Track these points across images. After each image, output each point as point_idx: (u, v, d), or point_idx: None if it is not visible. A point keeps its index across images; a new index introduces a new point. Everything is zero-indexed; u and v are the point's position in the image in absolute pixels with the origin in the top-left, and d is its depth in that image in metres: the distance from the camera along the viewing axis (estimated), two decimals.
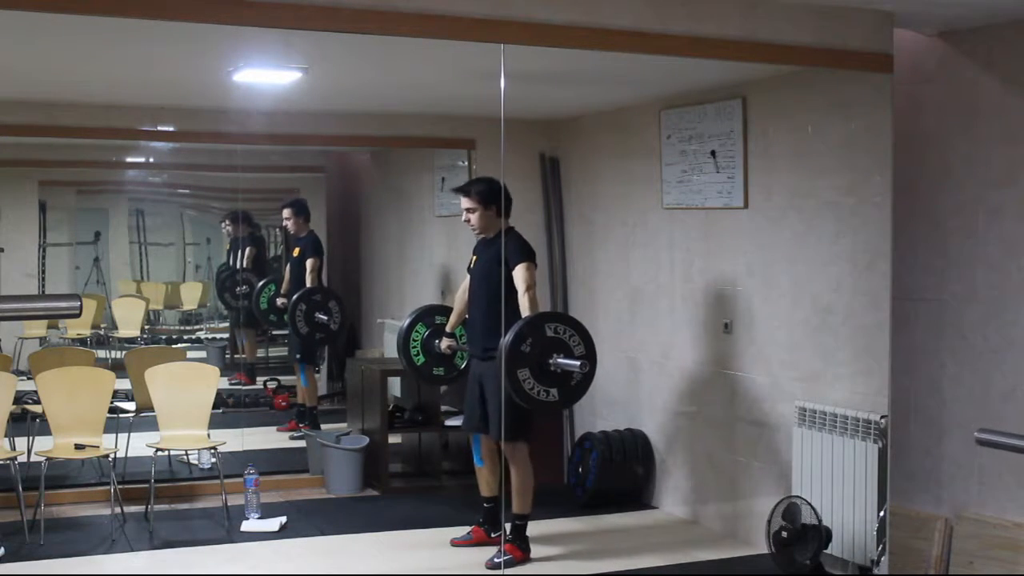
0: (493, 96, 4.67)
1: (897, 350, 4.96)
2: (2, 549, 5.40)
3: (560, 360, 4.88)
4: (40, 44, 4.66)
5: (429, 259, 8.02)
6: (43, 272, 7.67)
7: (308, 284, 7.36)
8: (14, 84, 5.75)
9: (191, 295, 8.40)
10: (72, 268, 7.96)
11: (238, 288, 7.95)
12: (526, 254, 5.25)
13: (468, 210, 5.37)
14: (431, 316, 5.97)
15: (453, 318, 5.78)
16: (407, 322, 5.96)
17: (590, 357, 4.97)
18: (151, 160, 8.02)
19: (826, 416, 5.15)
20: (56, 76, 5.57)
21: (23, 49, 4.78)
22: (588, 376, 4.98)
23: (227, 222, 8.00)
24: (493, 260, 5.31)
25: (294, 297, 7.21)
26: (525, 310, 5.06)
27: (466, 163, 7.35)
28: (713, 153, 5.83)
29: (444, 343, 5.79)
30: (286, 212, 7.62)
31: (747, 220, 5.69)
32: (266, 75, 5.52)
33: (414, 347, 5.93)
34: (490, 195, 5.35)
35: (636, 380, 6.62)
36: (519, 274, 5.17)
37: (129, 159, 7.94)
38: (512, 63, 4.44)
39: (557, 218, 7.29)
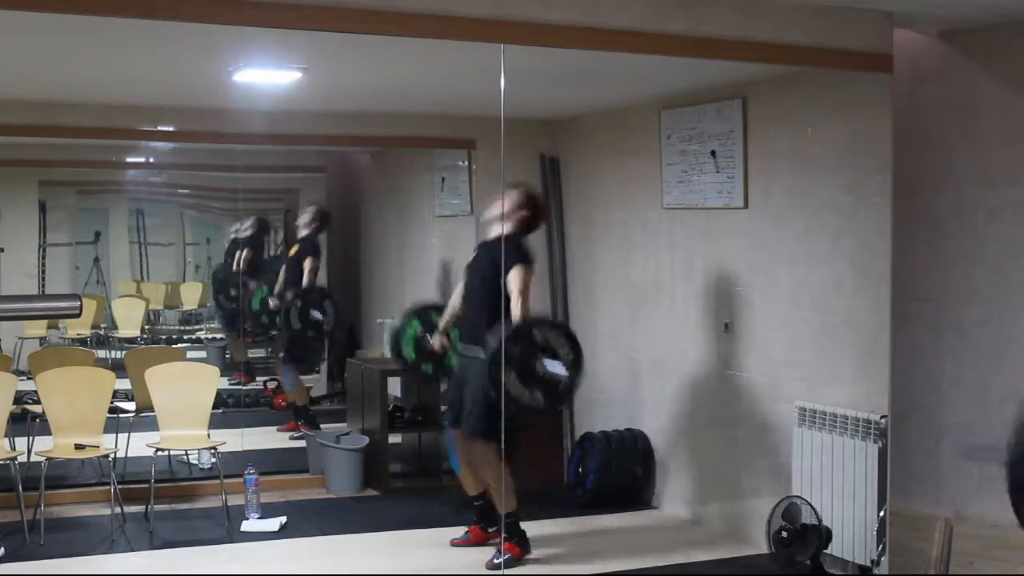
0: (493, 96, 4.67)
1: (897, 350, 4.96)
2: (2, 549, 5.40)
3: (546, 364, 4.90)
4: (40, 44, 4.66)
5: (429, 259, 8.02)
6: (43, 272, 7.67)
7: (305, 284, 7.37)
8: (14, 84, 5.75)
9: (191, 295, 8.41)
10: (72, 268, 7.96)
11: (232, 291, 7.94)
12: (522, 257, 5.24)
13: (514, 210, 5.38)
14: (427, 313, 5.98)
15: (446, 317, 5.79)
16: (402, 317, 5.98)
17: (577, 364, 4.99)
18: (151, 160, 8.02)
19: (826, 416, 5.15)
20: (56, 76, 5.57)
21: (23, 49, 4.78)
22: (573, 383, 5.01)
23: (244, 224, 8.01)
24: (490, 261, 5.32)
25: (290, 294, 7.21)
26: (516, 312, 5.06)
27: (466, 163, 7.35)
28: (713, 153, 5.83)
29: (436, 341, 5.81)
30: (308, 215, 7.57)
31: (747, 220, 5.69)
32: (266, 75, 5.52)
33: (406, 343, 5.94)
34: (537, 204, 5.44)
35: (636, 380, 6.61)
36: (512, 277, 5.16)
37: (129, 159, 7.94)
38: (512, 63, 4.44)
39: (557, 218, 7.29)
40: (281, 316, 7.32)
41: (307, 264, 7.44)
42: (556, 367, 4.91)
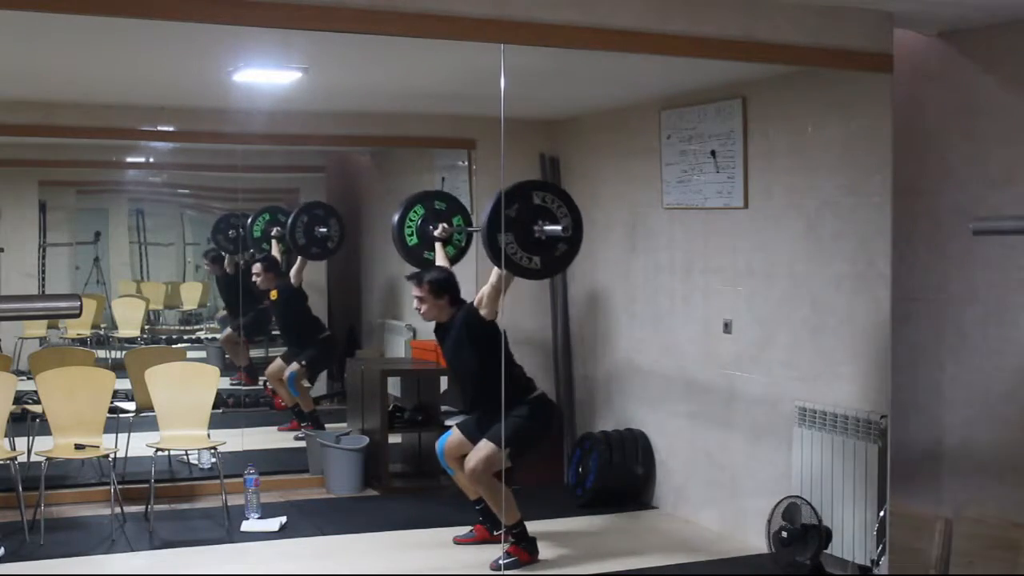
0: (493, 96, 4.67)
1: (897, 350, 4.96)
2: (2, 549, 5.41)
3: (546, 228, 4.85)
4: (40, 44, 4.67)
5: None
6: (43, 272, 7.67)
7: (292, 281, 7.39)
8: (14, 84, 5.75)
9: (191, 295, 8.41)
10: (72, 268, 7.96)
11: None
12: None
13: (419, 299, 5.38)
14: (430, 200, 5.90)
15: None
16: (405, 203, 5.90)
17: (576, 226, 4.94)
18: (151, 160, 8.02)
19: (826, 416, 5.15)
20: (56, 76, 5.57)
21: (23, 49, 4.78)
22: (572, 247, 4.95)
23: (207, 262, 8.05)
24: (457, 341, 5.33)
25: (296, 210, 7.20)
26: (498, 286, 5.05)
27: (466, 163, 7.35)
28: (713, 153, 5.83)
29: (440, 228, 5.76)
30: (256, 268, 7.56)
31: (747, 220, 5.69)
32: (266, 75, 5.52)
33: (408, 228, 5.88)
34: (443, 286, 5.37)
35: (636, 380, 6.62)
36: (478, 299, 5.19)
37: (129, 159, 7.94)
38: (512, 63, 4.44)
39: None
40: (288, 230, 7.27)
41: (297, 264, 7.43)
42: (554, 227, 4.85)
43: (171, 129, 6.88)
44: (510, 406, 5.06)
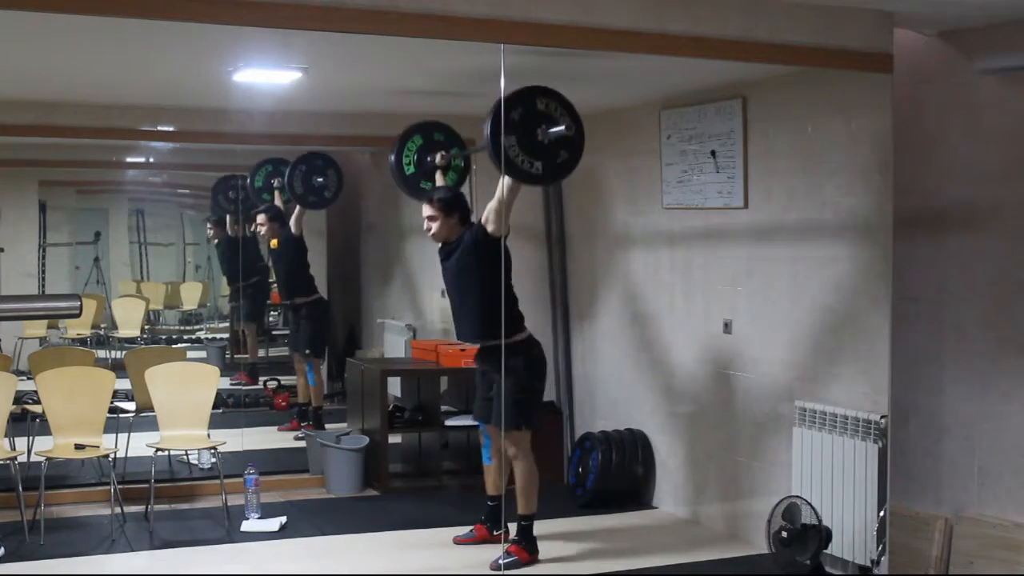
0: (493, 96, 4.67)
1: (897, 350, 4.96)
2: (2, 549, 5.40)
3: (549, 131, 4.81)
4: (40, 44, 4.67)
5: (429, 259, 8.01)
6: (43, 272, 7.68)
7: (293, 230, 7.39)
8: (14, 84, 5.75)
9: (191, 295, 8.41)
10: (72, 268, 7.97)
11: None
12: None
13: (429, 218, 5.34)
14: (428, 129, 5.83)
15: None
16: (402, 134, 5.82)
17: (579, 131, 4.90)
18: (151, 160, 8.02)
19: (826, 416, 5.15)
20: (56, 76, 5.57)
21: (23, 49, 4.78)
22: (573, 154, 4.92)
23: (210, 226, 8.03)
24: (461, 259, 5.29)
25: (295, 160, 7.20)
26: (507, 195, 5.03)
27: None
28: (713, 153, 5.83)
29: (439, 155, 5.69)
30: (260, 218, 7.56)
31: (747, 220, 5.69)
32: (266, 75, 5.52)
33: (407, 157, 5.78)
34: (452, 203, 5.34)
35: (636, 380, 6.62)
36: (485, 214, 5.15)
37: (129, 159, 7.94)
38: (512, 63, 4.44)
39: (557, 218, 7.29)
40: (287, 179, 7.26)
41: (296, 212, 7.44)
42: (559, 128, 4.80)
43: (171, 129, 6.89)
44: (507, 348, 5.04)
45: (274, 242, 7.52)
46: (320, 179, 7.26)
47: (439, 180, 5.76)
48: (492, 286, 5.13)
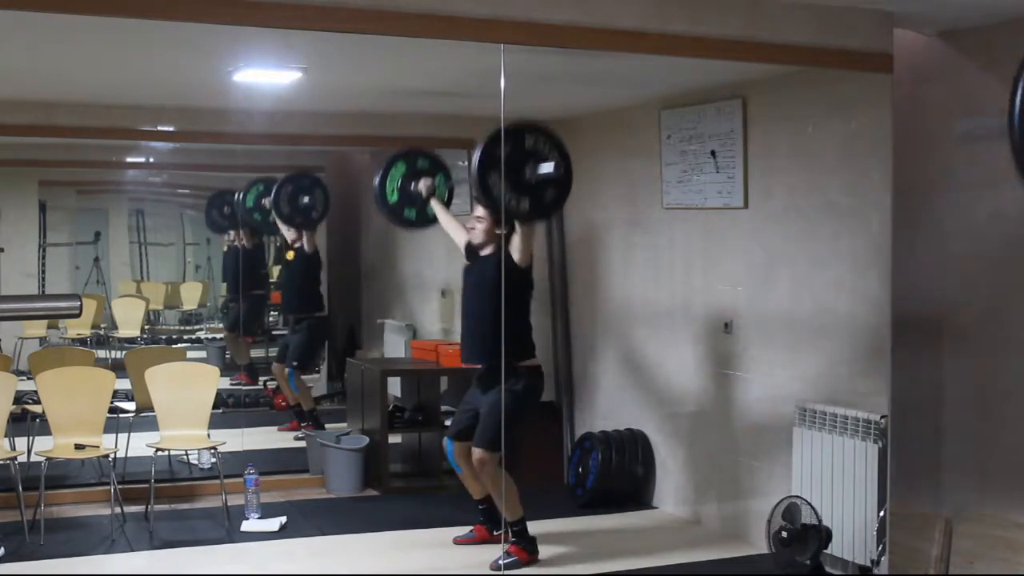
0: (493, 96, 4.67)
1: (897, 350, 4.95)
2: (2, 549, 5.41)
3: (537, 170, 4.83)
4: (40, 44, 4.67)
5: (429, 259, 8.02)
6: (43, 272, 7.68)
7: (307, 248, 7.44)
8: (14, 84, 5.75)
9: (191, 295, 8.41)
10: (72, 268, 7.97)
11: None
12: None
13: (479, 219, 5.33)
14: (412, 157, 5.84)
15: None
16: (387, 160, 5.83)
17: (567, 169, 4.91)
18: (151, 160, 8.03)
19: (826, 416, 5.15)
20: (56, 76, 5.57)
21: (23, 49, 4.78)
22: (561, 191, 4.93)
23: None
24: (483, 276, 5.30)
25: (281, 179, 7.22)
26: (516, 252, 5.06)
27: (466, 163, 7.34)
28: (713, 153, 5.83)
29: (423, 183, 5.69)
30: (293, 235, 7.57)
31: (747, 220, 5.69)
32: (266, 75, 5.52)
33: (390, 184, 5.81)
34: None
35: (636, 380, 6.61)
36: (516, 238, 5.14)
37: (129, 159, 7.94)
38: (512, 63, 4.44)
39: (557, 218, 7.28)
40: (273, 198, 7.29)
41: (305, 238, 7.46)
42: (547, 167, 4.82)
43: (171, 129, 6.88)
44: (509, 370, 5.06)
45: (290, 254, 7.55)
46: (306, 199, 7.29)
47: (438, 208, 5.76)
48: (510, 310, 5.07)
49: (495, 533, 5.52)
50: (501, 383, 5.07)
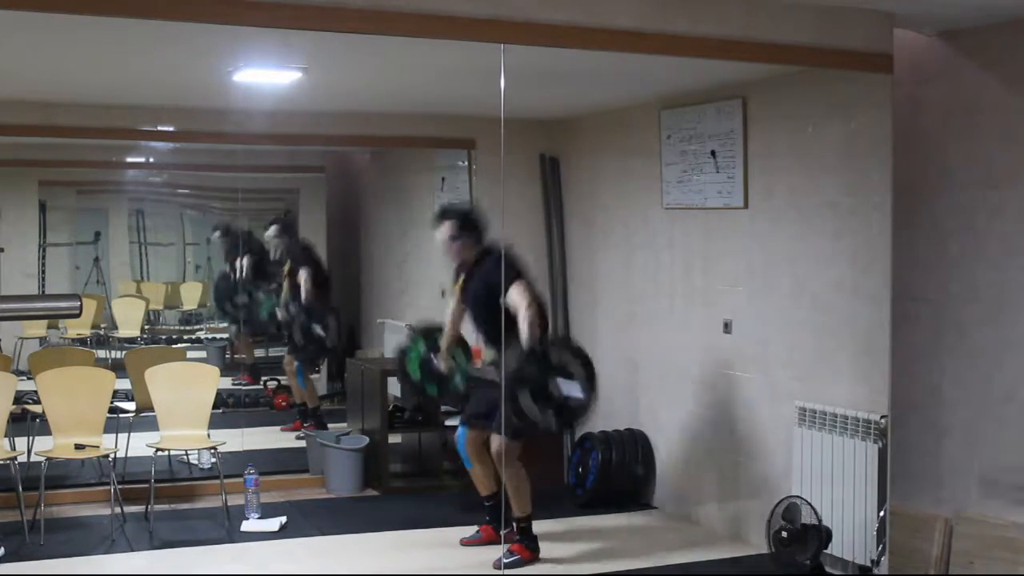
0: (493, 96, 4.67)
1: (897, 350, 4.96)
2: (2, 549, 5.40)
3: (562, 386, 4.91)
4: (40, 44, 4.66)
5: (429, 259, 8.02)
6: (43, 272, 7.67)
7: (303, 299, 7.37)
8: (14, 84, 5.75)
9: (191, 295, 8.40)
10: (72, 268, 7.96)
11: (237, 297, 7.94)
12: (516, 272, 5.17)
13: (452, 238, 5.31)
14: (431, 334, 5.90)
15: (446, 340, 5.68)
16: (407, 338, 5.92)
17: (591, 382, 5.00)
18: (151, 160, 8.02)
19: (826, 416, 5.15)
20: (56, 76, 5.57)
21: (23, 49, 4.78)
22: (588, 404, 5.01)
23: (218, 234, 8.04)
24: (483, 285, 5.28)
25: (293, 308, 7.25)
26: (524, 331, 5.00)
27: (466, 163, 7.35)
28: (713, 153, 5.83)
29: (442, 364, 5.72)
30: (272, 233, 7.56)
31: (747, 220, 5.69)
32: (266, 75, 5.51)
33: (412, 364, 5.85)
34: (462, 227, 5.31)
35: (636, 380, 6.62)
36: (513, 296, 5.09)
37: (129, 159, 7.94)
38: (512, 63, 4.44)
39: (557, 218, 7.29)
40: (286, 329, 7.33)
41: (302, 278, 7.43)
42: (573, 389, 4.92)
43: (171, 129, 6.88)
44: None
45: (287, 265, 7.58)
46: (320, 330, 7.31)
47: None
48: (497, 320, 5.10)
49: (503, 532, 5.51)
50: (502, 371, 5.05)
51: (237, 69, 5.24)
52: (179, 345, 8.16)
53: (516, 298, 5.07)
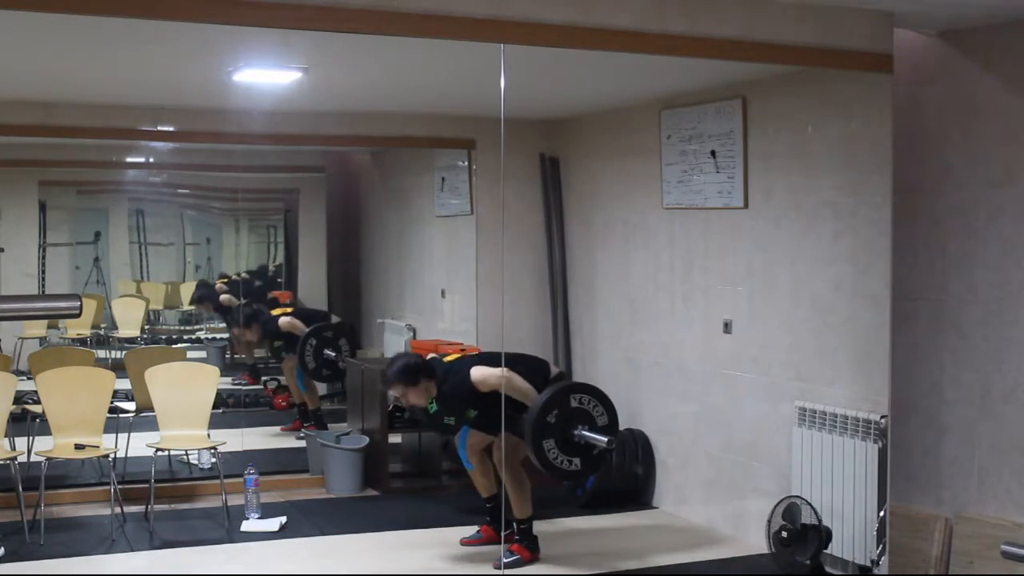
0: (493, 96, 4.67)
1: (897, 350, 4.96)
2: (2, 549, 5.40)
3: (585, 433, 4.94)
4: (40, 44, 4.67)
5: (429, 259, 8.02)
6: (43, 272, 7.67)
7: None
8: (14, 84, 5.75)
9: (191, 295, 8.40)
10: (72, 268, 7.96)
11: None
12: (467, 370, 5.13)
13: (403, 395, 5.24)
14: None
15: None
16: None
17: (613, 428, 5.04)
18: (151, 160, 8.02)
19: (826, 416, 5.15)
20: (56, 76, 5.57)
21: (23, 49, 4.78)
22: (611, 448, 5.04)
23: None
24: (457, 395, 5.21)
25: (306, 331, 7.27)
26: (518, 390, 5.04)
27: (466, 163, 7.35)
28: (713, 153, 5.83)
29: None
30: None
31: (747, 220, 5.69)
32: (266, 75, 5.52)
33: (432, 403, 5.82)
34: (411, 376, 5.18)
35: (636, 380, 6.62)
36: (478, 375, 5.09)
37: (129, 159, 7.93)
38: (512, 63, 4.44)
39: (557, 218, 7.29)
40: (298, 351, 7.32)
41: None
42: (596, 436, 4.94)
43: (171, 129, 6.88)
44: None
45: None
46: (331, 353, 7.32)
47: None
48: (496, 406, 5.06)
49: (502, 533, 5.51)
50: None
51: (237, 69, 5.25)
52: (179, 345, 8.16)
53: (483, 375, 5.09)
